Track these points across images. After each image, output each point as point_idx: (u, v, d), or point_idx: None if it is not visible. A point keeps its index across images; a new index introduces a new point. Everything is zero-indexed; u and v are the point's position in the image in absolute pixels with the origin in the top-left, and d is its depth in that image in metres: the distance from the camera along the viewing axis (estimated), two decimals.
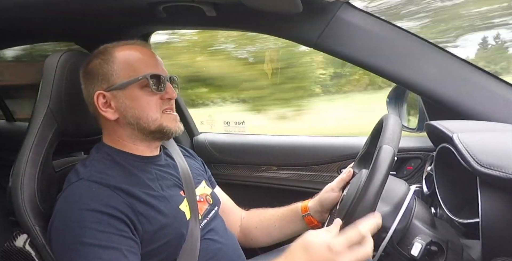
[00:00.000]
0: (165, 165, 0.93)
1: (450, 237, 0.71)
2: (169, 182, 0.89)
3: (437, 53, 0.97)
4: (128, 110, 0.84)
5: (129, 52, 0.86)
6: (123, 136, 0.87)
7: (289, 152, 1.46)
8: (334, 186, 0.94)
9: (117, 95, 0.84)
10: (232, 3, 1.00)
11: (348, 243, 0.62)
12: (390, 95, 1.25)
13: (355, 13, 0.98)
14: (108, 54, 0.85)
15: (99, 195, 0.75)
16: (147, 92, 0.84)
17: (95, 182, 0.77)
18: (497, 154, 0.65)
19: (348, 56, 1.00)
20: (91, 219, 0.71)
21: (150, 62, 0.86)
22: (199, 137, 1.62)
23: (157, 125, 0.85)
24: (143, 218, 0.77)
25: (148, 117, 0.84)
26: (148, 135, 0.87)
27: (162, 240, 0.80)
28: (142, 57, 0.86)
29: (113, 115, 0.84)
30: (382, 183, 0.62)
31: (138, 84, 0.83)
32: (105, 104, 0.84)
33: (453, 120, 0.90)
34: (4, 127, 2.40)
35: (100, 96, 0.84)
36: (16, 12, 1.05)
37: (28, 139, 0.88)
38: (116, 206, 0.74)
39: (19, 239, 0.85)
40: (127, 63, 0.84)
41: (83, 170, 0.81)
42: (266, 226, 1.08)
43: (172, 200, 0.86)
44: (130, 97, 0.83)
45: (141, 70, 0.84)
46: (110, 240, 0.71)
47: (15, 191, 0.83)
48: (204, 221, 0.92)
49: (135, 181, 0.82)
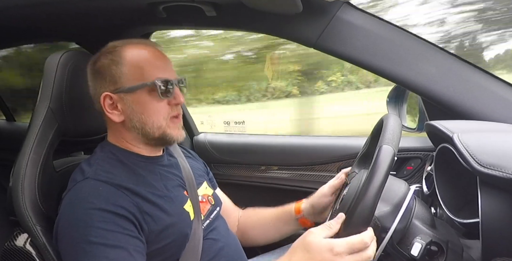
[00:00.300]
0: (169, 165, 0.93)
1: (450, 237, 0.71)
2: (173, 182, 0.89)
3: (437, 53, 0.97)
4: (135, 114, 0.83)
5: (139, 53, 0.84)
6: (127, 138, 0.87)
7: (289, 152, 1.46)
8: (326, 192, 0.95)
9: (124, 98, 0.83)
10: (232, 3, 1.00)
11: (350, 248, 0.63)
12: (390, 95, 1.25)
13: (355, 13, 0.98)
14: (117, 55, 0.83)
15: (105, 194, 0.75)
16: (155, 97, 0.82)
17: (101, 181, 0.77)
18: (497, 154, 0.65)
19: (348, 56, 1.00)
20: (98, 218, 0.71)
21: (159, 65, 0.85)
22: (199, 137, 1.62)
23: (161, 133, 0.84)
24: (149, 218, 0.77)
25: (153, 123, 0.83)
26: (151, 141, 0.86)
27: (166, 240, 0.80)
28: (151, 59, 0.84)
29: (119, 117, 0.84)
30: (382, 183, 0.62)
31: (146, 89, 0.82)
32: (111, 106, 0.83)
33: (453, 120, 0.90)
34: (4, 127, 2.41)
35: (107, 98, 0.83)
36: (16, 12, 1.06)
37: (29, 139, 0.88)
38: (123, 205, 0.74)
39: (19, 238, 0.85)
40: (137, 66, 0.83)
41: (88, 169, 0.81)
42: (262, 226, 1.08)
43: (177, 200, 0.86)
44: (138, 101, 0.82)
45: (150, 74, 0.82)
46: (116, 239, 0.71)
47: (16, 191, 0.83)
48: (207, 221, 0.92)
49: (140, 180, 0.82)
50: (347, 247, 0.63)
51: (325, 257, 0.63)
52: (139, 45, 0.86)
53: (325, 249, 0.63)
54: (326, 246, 0.64)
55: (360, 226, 0.64)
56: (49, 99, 0.90)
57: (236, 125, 1.75)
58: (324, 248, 0.64)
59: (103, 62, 0.84)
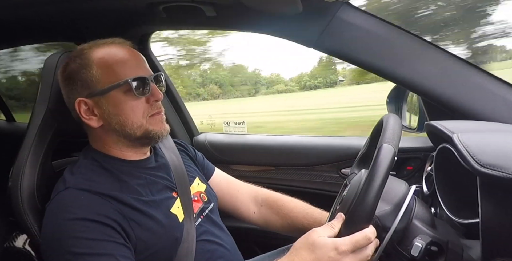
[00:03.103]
0: (156, 167, 0.91)
1: (450, 237, 0.71)
2: (159, 185, 0.87)
3: (437, 53, 0.97)
4: (113, 116, 0.80)
5: (107, 53, 0.81)
6: (109, 142, 0.85)
7: (289, 152, 1.45)
8: None
9: (99, 102, 0.80)
10: (232, 3, 1.00)
11: (354, 245, 0.63)
12: (390, 95, 1.25)
13: (355, 13, 0.98)
14: (85, 58, 0.81)
15: (87, 203, 0.73)
16: (131, 97, 0.79)
17: (83, 190, 0.75)
18: (497, 154, 0.65)
19: (348, 56, 1.00)
20: (80, 228, 0.70)
21: (131, 63, 0.81)
22: (199, 137, 1.62)
23: (143, 131, 0.82)
24: (135, 224, 0.76)
25: (133, 123, 0.80)
26: (135, 141, 0.84)
27: (156, 246, 0.78)
28: (122, 59, 0.81)
29: (97, 122, 0.81)
30: (382, 183, 0.62)
31: (120, 89, 0.79)
32: (87, 111, 0.81)
33: (453, 120, 0.90)
34: (4, 127, 2.40)
35: (82, 103, 0.80)
36: (16, 12, 1.05)
37: (28, 139, 0.88)
38: (107, 214, 0.73)
39: (19, 239, 0.85)
40: (107, 67, 0.79)
41: (70, 178, 0.79)
42: (292, 222, 1.05)
43: (162, 204, 0.84)
44: (113, 103, 0.79)
45: (122, 74, 0.79)
46: (102, 247, 0.70)
47: (15, 191, 0.83)
48: (199, 220, 0.91)
49: (124, 187, 0.80)
50: (351, 245, 0.63)
51: (331, 256, 0.63)
52: (107, 45, 0.83)
53: (330, 248, 0.63)
54: (331, 245, 0.64)
55: (362, 224, 0.64)
56: (47, 99, 0.89)
57: (236, 125, 1.75)
58: (329, 247, 0.64)
59: (72, 67, 0.81)
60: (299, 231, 1.03)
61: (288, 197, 1.09)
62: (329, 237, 0.66)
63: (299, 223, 1.02)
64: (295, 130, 3.85)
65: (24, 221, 0.82)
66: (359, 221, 0.64)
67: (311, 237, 0.67)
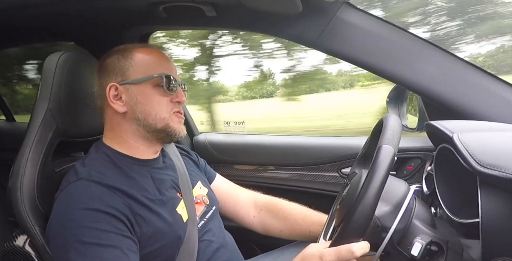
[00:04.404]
0: (163, 167, 0.93)
1: (450, 237, 0.71)
2: (166, 184, 0.90)
3: (437, 53, 0.97)
4: (138, 105, 0.85)
5: (148, 52, 0.89)
6: (127, 131, 0.87)
7: (289, 152, 1.46)
8: None
9: (129, 89, 0.85)
10: (232, 3, 1.00)
11: (337, 257, 0.64)
12: (390, 95, 1.25)
13: (355, 13, 0.98)
14: (128, 51, 0.88)
15: (98, 195, 0.75)
16: (159, 92, 0.85)
17: (94, 182, 0.77)
18: (497, 154, 0.65)
19: (348, 56, 1.00)
20: (91, 218, 0.72)
21: (166, 65, 0.89)
22: (199, 137, 1.62)
23: (163, 124, 0.86)
24: (141, 219, 0.78)
25: (156, 115, 0.85)
26: (152, 133, 0.87)
27: (159, 243, 0.80)
28: (159, 59, 0.89)
29: (122, 108, 0.85)
30: (382, 183, 0.62)
31: (151, 82, 0.85)
32: (115, 97, 0.85)
33: (453, 120, 0.90)
34: (4, 127, 2.40)
35: (113, 88, 0.85)
36: (16, 12, 1.05)
37: (28, 139, 0.88)
38: (115, 206, 0.75)
39: (19, 239, 0.85)
40: (145, 61, 0.87)
41: (82, 169, 0.81)
42: (290, 225, 1.06)
43: (169, 203, 0.86)
44: (142, 93, 0.85)
45: (157, 70, 0.86)
46: (109, 239, 0.71)
47: (15, 191, 0.83)
48: (201, 222, 0.92)
49: (132, 183, 0.82)
50: (335, 256, 0.64)
51: None
52: (149, 48, 0.91)
53: (317, 257, 0.66)
54: (317, 254, 0.66)
55: (351, 237, 0.64)
56: (48, 99, 0.89)
57: (236, 125, 1.75)
58: (316, 256, 0.67)
59: (113, 58, 0.87)
60: (298, 233, 1.04)
61: (287, 201, 1.11)
62: (318, 248, 0.68)
63: (298, 225, 1.04)
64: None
65: (24, 221, 0.82)
66: (348, 235, 0.63)
67: (304, 250, 0.71)
